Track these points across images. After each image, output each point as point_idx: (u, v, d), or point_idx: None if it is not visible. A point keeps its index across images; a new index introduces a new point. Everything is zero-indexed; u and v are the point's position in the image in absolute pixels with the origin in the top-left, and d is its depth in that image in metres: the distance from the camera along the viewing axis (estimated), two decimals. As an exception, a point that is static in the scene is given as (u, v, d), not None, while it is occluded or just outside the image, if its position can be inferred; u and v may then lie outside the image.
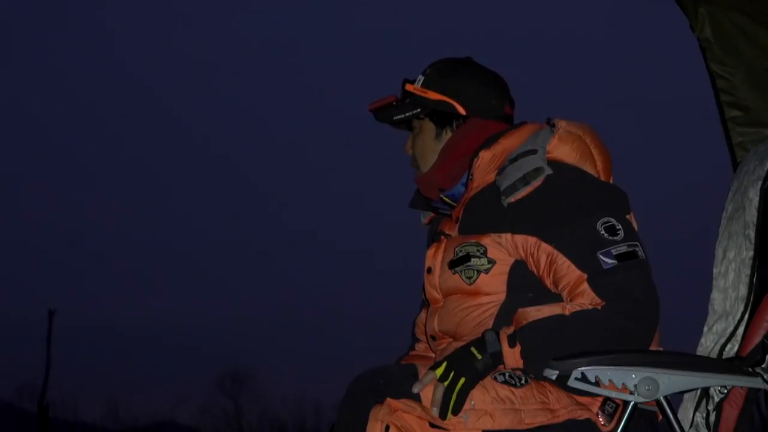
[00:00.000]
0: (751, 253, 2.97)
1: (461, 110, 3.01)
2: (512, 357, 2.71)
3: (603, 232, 2.77)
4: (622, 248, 2.76)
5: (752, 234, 2.98)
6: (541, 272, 2.82)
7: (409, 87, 3.04)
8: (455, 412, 2.66)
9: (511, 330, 2.74)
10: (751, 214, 2.99)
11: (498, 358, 2.72)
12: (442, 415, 2.65)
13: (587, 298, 2.75)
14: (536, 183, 2.83)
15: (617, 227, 2.79)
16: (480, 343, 2.73)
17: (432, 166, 3.02)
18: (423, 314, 3.08)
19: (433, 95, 3.02)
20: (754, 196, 3.00)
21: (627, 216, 2.85)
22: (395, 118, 3.04)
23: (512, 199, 2.83)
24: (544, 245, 2.80)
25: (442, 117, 3.02)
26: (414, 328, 3.16)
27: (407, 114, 3.03)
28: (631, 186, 2.95)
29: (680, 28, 3.53)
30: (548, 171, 2.84)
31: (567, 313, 2.73)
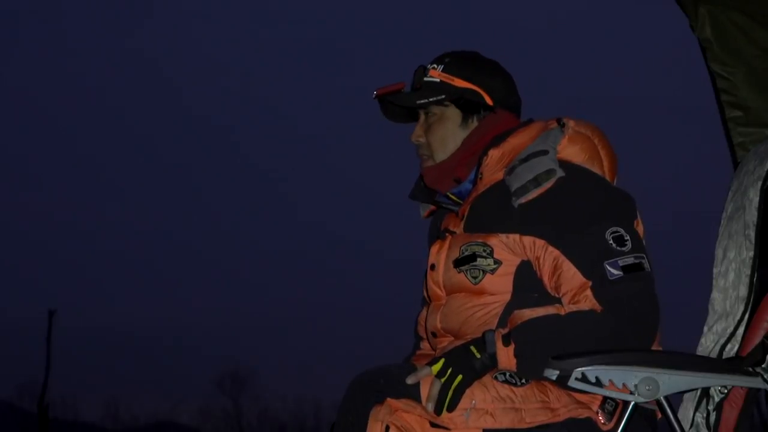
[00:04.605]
0: (752, 253, 2.97)
1: (488, 100, 2.97)
2: (506, 356, 2.71)
3: (611, 241, 2.77)
4: (629, 260, 2.76)
5: (752, 234, 2.97)
6: (543, 275, 2.81)
7: (434, 73, 2.97)
8: (450, 409, 2.65)
9: (506, 330, 2.74)
10: (751, 214, 2.99)
11: (496, 358, 2.72)
12: (437, 411, 2.65)
13: (588, 305, 2.75)
14: (547, 185, 2.81)
15: (625, 238, 2.78)
16: (480, 342, 2.73)
17: (453, 153, 2.96)
18: (424, 312, 3.05)
19: (460, 82, 2.96)
20: (754, 196, 2.99)
21: (635, 223, 2.85)
22: (419, 102, 2.95)
23: (523, 200, 2.81)
24: (551, 249, 2.79)
25: (469, 105, 2.97)
26: (416, 326, 3.15)
27: (432, 99, 2.95)
28: (632, 184, 2.95)
29: (680, 28, 3.53)
30: (560, 173, 2.82)
31: (563, 313, 2.74)
